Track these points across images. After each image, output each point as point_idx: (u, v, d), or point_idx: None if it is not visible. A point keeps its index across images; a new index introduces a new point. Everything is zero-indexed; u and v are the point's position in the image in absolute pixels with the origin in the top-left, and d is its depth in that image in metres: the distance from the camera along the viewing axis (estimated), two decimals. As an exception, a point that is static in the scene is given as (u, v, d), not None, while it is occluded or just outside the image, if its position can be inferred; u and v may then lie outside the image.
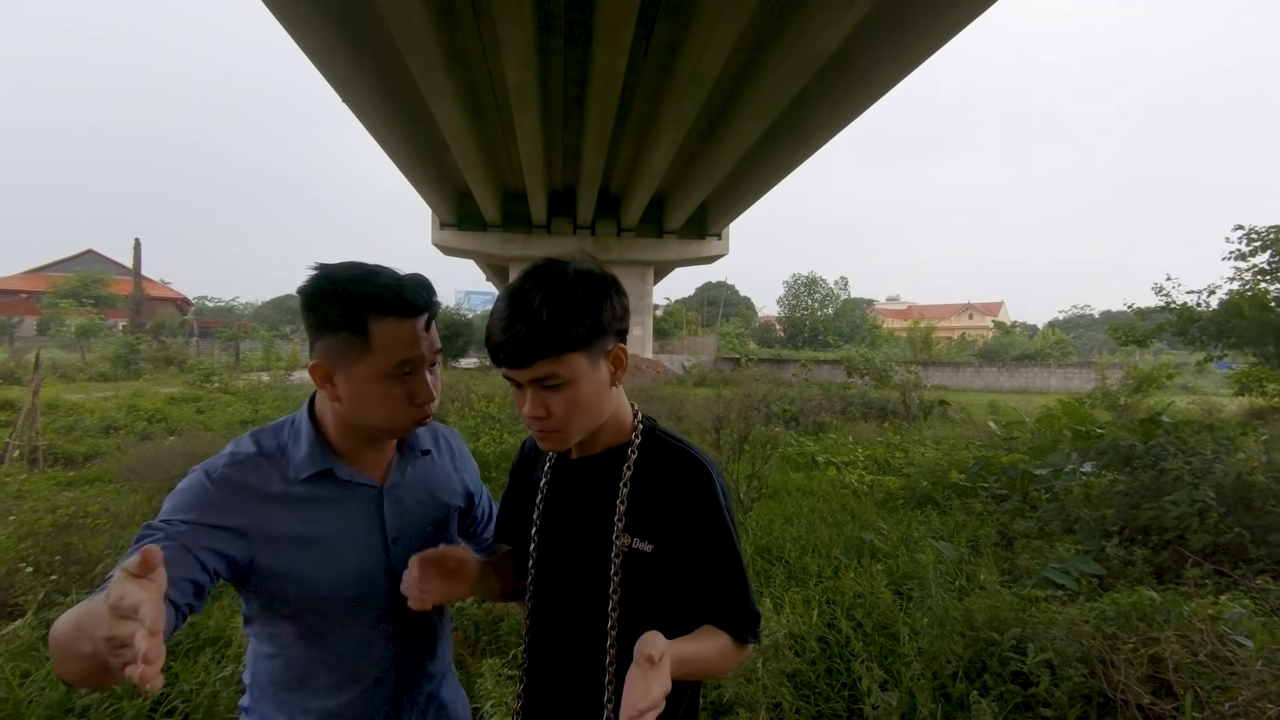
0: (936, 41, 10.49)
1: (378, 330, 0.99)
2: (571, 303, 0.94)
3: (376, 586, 1.10)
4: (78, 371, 19.49)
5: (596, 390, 1.00)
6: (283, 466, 1.06)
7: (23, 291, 47.63)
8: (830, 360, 28.51)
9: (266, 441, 1.09)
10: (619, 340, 1.03)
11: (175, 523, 0.94)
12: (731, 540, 1.05)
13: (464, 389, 11.56)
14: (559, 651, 1.10)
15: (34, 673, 2.48)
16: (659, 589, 1.04)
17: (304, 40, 10.74)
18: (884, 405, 12.99)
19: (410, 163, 17.52)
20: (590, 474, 1.10)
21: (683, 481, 1.04)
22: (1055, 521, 4.52)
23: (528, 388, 0.98)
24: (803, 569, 3.99)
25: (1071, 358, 36.88)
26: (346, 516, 1.09)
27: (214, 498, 0.99)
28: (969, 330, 62.82)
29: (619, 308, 1.01)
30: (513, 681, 2.48)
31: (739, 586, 1.04)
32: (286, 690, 1.09)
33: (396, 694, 1.15)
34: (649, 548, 1.03)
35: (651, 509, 1.04)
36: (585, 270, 0.98)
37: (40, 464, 6.79)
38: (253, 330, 39.32)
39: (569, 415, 0.99)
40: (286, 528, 1.03)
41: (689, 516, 1.03)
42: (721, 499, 1.05)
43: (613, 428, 1.09)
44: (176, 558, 0.89)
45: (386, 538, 1.12)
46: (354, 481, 1.10)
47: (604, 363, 1.01)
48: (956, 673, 2.61)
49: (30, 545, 3.38)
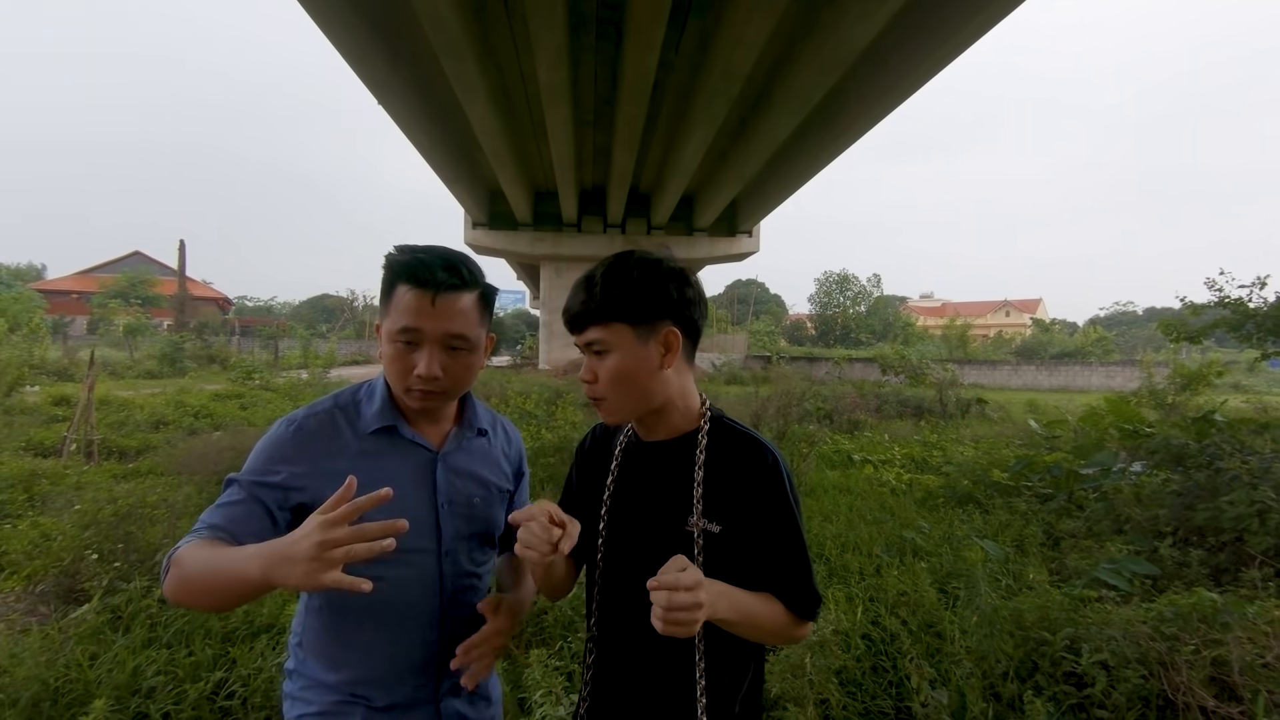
0: (974, 34, 10.27)
1: (396, 294, 1.11)
2: (625, 280, 1.07)
3: (424, 543, 1.15)
4: (126, 369, 20.16)
5: (641, 366, 1.07)
6: (354, 420, 1.17)
7: (74, 292, 49.43)
8: (863, 358, 28.19)
9: (344, 398, 1.20)
10: (679, 328, 1.09)
11: (251, 476, 1.08)
12: (795, 522, 1.09)
13: (499, 386, 11.69)
14: (633, 632, 1.12)
15: (102, 655, 2.59)
16: (727, 569, 1.07)
17: (344, 46, 10.94)
18: (920, 403, 12.81)
19: (444, 163, 17.73)
20: (662, 458, 1.15)
21: (751, 466, 1.09)
22: (1104, 521, 4.42)
23: (585, 354, 1.10)
24: (843, 566, 3.96)
25: (1114, 355, 35.95)
26: (404, 472, 1.15)
27: (288, 444, 1.12)
28: (1006, 328, 61.55)
29: (678, 296, 1.09)
30: (559, 673, 2.51)
31: (800, 566, 1.08)
32: (335, 645, 1.15)
33: (439, 653, 1.17)
34: (717, 529, 1.08)
35: (721, 492, 1.08)
36: (649, 258, 1.10)
37: (96, 457, 7.04)
38: (290, 329, 40.21)
39: (612, 383, 1.08)
40: (349, 472, 1.07)
41: (756, 499, 1.07)
42: (787, 483, 1.09)
43: (681, 413, 1.14)
44: (250, 512, 1.05)
45: (437, 499, 1.17)
46: (415, 442, 1.18)
47: (653, 343, 1.08)
48: (1007, 672, 2.57)
49: (93, 534, 3.52)
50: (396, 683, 1.15)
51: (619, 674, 1.15)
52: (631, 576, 1.13)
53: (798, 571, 1.08)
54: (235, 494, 1.07)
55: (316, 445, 1.12)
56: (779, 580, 1.07)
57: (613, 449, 1.22)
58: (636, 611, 1.11)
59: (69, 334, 31.94)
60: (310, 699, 1.14)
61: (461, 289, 1.11)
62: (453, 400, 1.22)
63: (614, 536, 1.17)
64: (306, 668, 1.16)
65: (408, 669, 1.16)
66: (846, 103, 13.23)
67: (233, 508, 1.05)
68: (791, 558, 1.08)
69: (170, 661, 2.58)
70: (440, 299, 1.09)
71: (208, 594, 0.95)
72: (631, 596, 1.12)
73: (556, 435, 6.65)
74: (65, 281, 52.81)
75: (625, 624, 1.14)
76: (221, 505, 1.06)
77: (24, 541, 3.96)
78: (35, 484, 5.45)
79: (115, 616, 2.95)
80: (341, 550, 0.81)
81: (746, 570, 1.07)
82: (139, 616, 2.91)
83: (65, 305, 45.38)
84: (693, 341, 1.13)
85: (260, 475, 1.08)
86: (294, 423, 1.14)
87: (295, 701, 1.16)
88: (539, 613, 3.12)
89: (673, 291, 1.08)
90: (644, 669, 1.11)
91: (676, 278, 1.09)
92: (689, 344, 1.12)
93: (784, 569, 1.07)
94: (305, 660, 1.17)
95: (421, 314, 1.09)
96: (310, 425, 1.14)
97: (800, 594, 1.07)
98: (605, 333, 1.07)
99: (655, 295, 1.07)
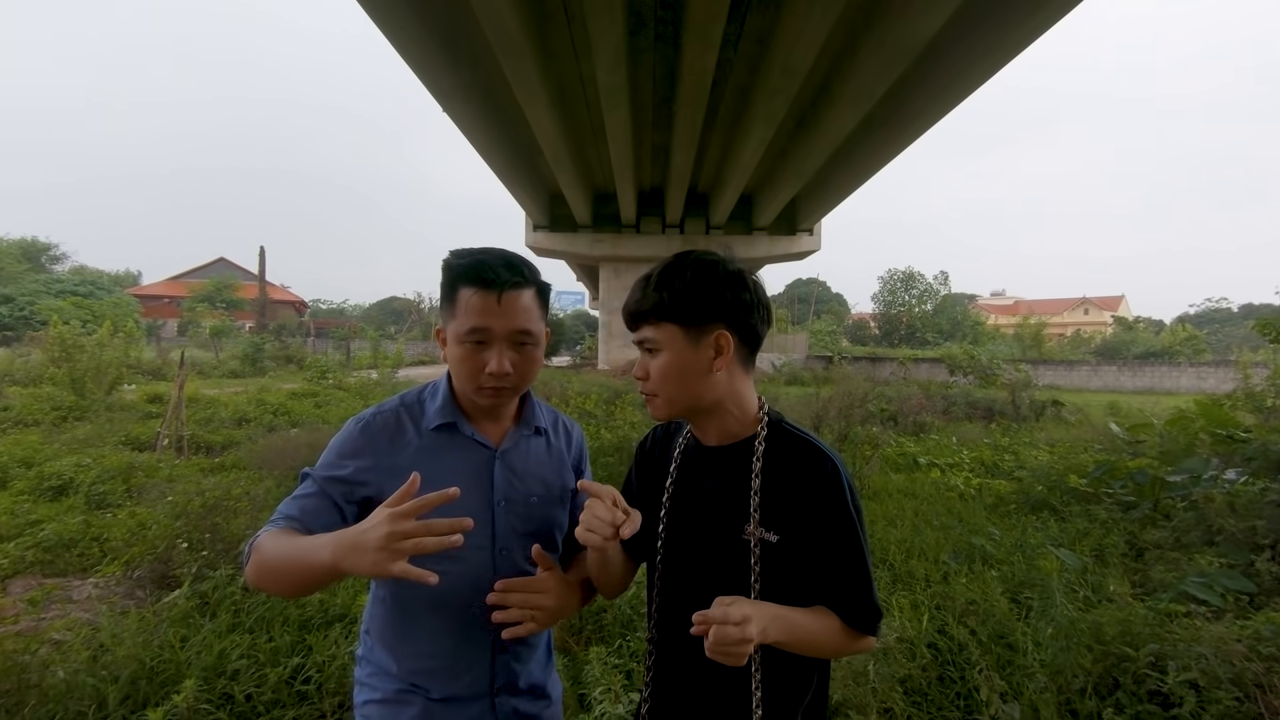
0: (1044, 23, 9.80)
1: (460, 297, 1.14)
2: (678, 281, 1.07)
3: (479, 540, 1.17)
4: (212, 369, 21.38)
5: (690, 366, 1.07)
6: (418, 417, 1.22)
7: (166, 296, 52.83)
8: (930, 358, 27.31)
9: (409, 398, 1.25)
10: (732, 331, 1.07)
11: (322, 471, 1.15)
12: (856, 533, 1.06)
13: (559, 386, 11.86)
14: (691, 637, 1.10)
15: (191, 638, 2.76)
16: (785, 580, 1.06)
17: (410, 57, 11.30)
18: (990, 405, 12.32)
19: (505, 167, 18.09)
20: (719, 464, 1.13)
21: (809, 474, 1.06)
22: (1194, 532, 4.15)
23: (640, 351, 1.12)
24: (908, 573, 3.85)
25: (1205, 355, 33.69)
26: (463, 468, 1.19)
27: (355, 441, 1.17)
28: (1084, 326, 58.54)
29: (733, 299, 1.07)
30: (619, 671, 2.53)
31: (860, 579, 1.05)
32: (396, 636, 1.19)
33: (495, 645, 1.20)
34: (775, 538, 1.06)
35: (779, 500, 1.06)
36: (706, 259, 1.09)
37: (185, 452, 7.50)
38: (361, 330, 41.79)
39: (661, 381, 1.09)
40: (410, 467, 1.10)
41: (815, 508, 1.05)
42: (848, 492, 1.06)
43: (736, 417, 1.13)
44: (320, 505, 1.11)
45: (494, 497, 1.20)
46: (474, 439, 1.22)
47: (704, 345, 1.07)
48: (1085, 688, 2.45)
49: (184, 524, 3.75)
50: (453, 676, 1.18)
51: (678, 677, 1.15)
52: (690, 582, 1.14)
53: (857, 584, 1.05)
54: (308, 487, 1.13)
55: (381, 442, 1.17)
56: (838, 593, 1.06)
57: (672, 451, 1.21)
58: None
59: (161, 336, 34.06)
60: (376, 685, 1.19)
61: (523, 286, 1.15)
62: (520, 394, 1.25)
63: (672, 540, 1.16)
64: (374, 655, 1.21)
65: (463, 663, 1.18)
66: (910, 97, 12.84)
67: (305, 500, 1.11)
68: (851, 570, 1.05)
69: (252, 646, 2.73)
70: (505, 297, 1.12)
71: (284, 579, 1.00)
72: (689, 601, 1.11)
73: (615, 435, 6.70)
74: (158, 287, 56.55)
75: (684, 628, 1.12)
76: (296, 497, 1.12)
77: (123, 530, 4.27)
78: (132, 476, 5.86)
79: (203, 602, 3.14)
80: (411, 542, 0.85)
81: (805, 581, 1.06)
82: (224, 603, 3.09)
83: (158, 309, 48.50)
84: (749, 346, 1.11)
85: (330, 470, 1.14)
86: (361, 421, 1.20)
87: (363, 687, 1.21)
88: (598, 610, 3.15)
89: (727, 294, 1.06)
90: (703, 674, 1.10)
91: (733, 280, 1.07)
92: (744, 348, 1.10)
93: (843, 582, 1.05)
94: (373, 648, 1.22)
95: (489, 313, 1.12)
96: (376, 423, 1.19)
97: (860, 608, 1.05)
98: (657, 332, 1.08)
99: (708, 297, 1.06)
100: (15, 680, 2.39)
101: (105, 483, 5.59)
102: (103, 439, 7.85)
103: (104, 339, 12.02)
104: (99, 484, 5.54)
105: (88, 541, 4.33)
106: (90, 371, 10.98)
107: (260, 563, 1.01)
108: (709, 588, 1.09)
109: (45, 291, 36.96)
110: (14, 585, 3.83)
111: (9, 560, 4.01)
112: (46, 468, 5.92)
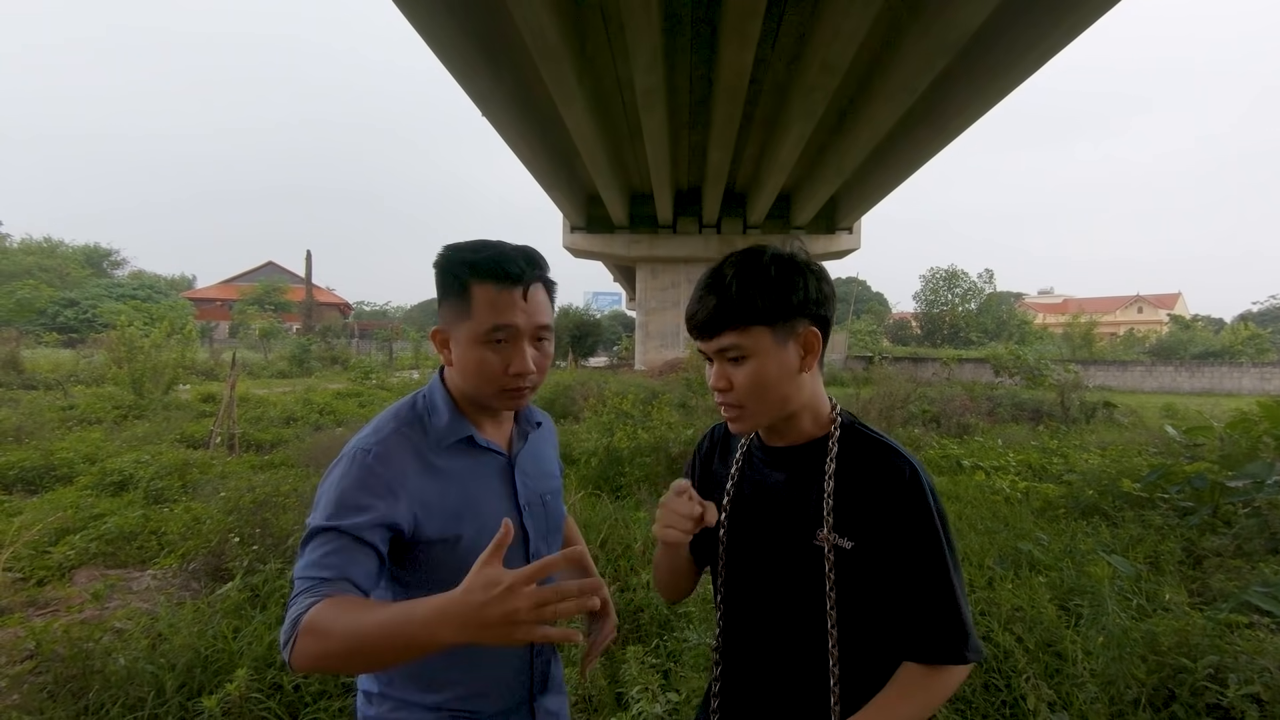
0: (1094, 11, 9.48)
1: (476, 294, 1.05)
2: (762, 279, 0.98)
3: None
4: (261, 369, 22.11)
5: (781, 370, 1.00)
6: (424, 436, 1.10)
7: (218, 299, 54.80)
8: (974, 358, 26.63)
9: (404, 415, 1.12)
10: (815, 326, 1.02)
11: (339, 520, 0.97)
12: (940, 545, 0.97)
13: (595, 386, 11.91)
14: (760, 645, 1.08)
15: (243, 629, 2.85)
16: (861, 589, 1.00)
17: (451, 63, 11.50)
18: (1038, 407, 11.96)
19: (543, 170, 18.27)
20: (788, 465, 1.08)
21: (886, 478, 0.99)
22: (1257, 539, 3.97)
23: (715, 359, 1.02)
24: (951, 577, 3.76)
25: (1270, 355, 32.15)
26: (486, 483, 1.14)
27: (369, 477, 1.02)
28: (1138, 325, 56.40)
29: (815, 292, 1.00)
30: (655, 670, 2.54)
31: (945, 596, 0.96)
32: (432, 667, 1.10)
33: (532, 657, 1.19)
34: (849, 545, 0.99)
35: (854, 504, 1.00)
36: (782, 253, 1.01)
37: (237, 449, 7.77)
38: (403, 331, 42.66)
39: (750, 391, 1.00)
40: (443, 493, 1.08)
41: (894, 515, 0.98)
42: (930, 499, 0.98)
43: (810, 418, 1.07)
44: (353, 556, 0.95)
45: (519, 503, 1.17)
46: (489, 448, 1.15)
47: (793, 344, 1.00)
48: (1139, 700, 2.36)
49: (235, 519, 3.88)
50: (498, 691, 1.15)
51: (747, 686, 1.09)
52: (757, 587, 1.08)
53: (941, 602, 0.96)
54: (331, 540, 0.96)
55: (400, 471, 1.05)
56: (918, 612, 0.96)
57: (733, 451, 1.16)
58: (763, 623, 1.07)
59: (214, 337, 35.32)
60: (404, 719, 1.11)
61: (541, 279, 1.11)
62: (536, 391, 1.18)
63: (736, 544, 1.10)
64: (395, 689, 1.11)
65: (510, 675, 1.16)
66: (953, 91, 12.55)
67: (335, 554, 0.95)
68: (935, 585, 0.96)
69: (300, 638, 2.80)
70: (531, 291, 1.07)
71: (368, 659, 0.85)
72: (758, 608, 1.08)
73: (653, 435, 6.70)
74: (210, 290, 58.72)
75: (752, 639, 1.09)
76: (325, 553, 0.95)
77: (179, 524, 4.45)
78: (188, 472, 6.10)
79: (254, 594, 3.25)
80: (551, 609, 0.75)
81: (882, 592, 0.99)
82: (274, 595, 3.19)
83: (211, 312, 50.39)
84: (825, 341, 1.05)
85: (354, 515, 0.98)
86: (370, 453, 1.04)
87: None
88: (635, 610, 3.16)
89: (811, 289, 1.00)
90: (772, 683, 1.06)
91: (814, 273, 1.01)
92: (823, 344, 1.04)
93: (925, 599, 0.96)
94: (392, 682, 1.11)
95: (514, 309, 1.06)
96: (387, 452, 1.06)
97: (944, 629, 0.95)
98: (743, 337, 0.98)
99: (794, 293, 0.98)
100: (81, 666, 2.51)
101: (162, 478, 5.83)
102: (160, 436, 8.18)
103: (159, 340, 12.50)
104: (157, 480, 5.79)
105: (146, 535, 4.53)
106: (148, 372, 11.46)
107: (324, 648, 0.83)
108: (778, 596, 1.05)
109: (107, 295, 38.73)
110: (79, 575, 4.03)
111: (75, 552, 4.22)
112: (108, 464, 6.19)
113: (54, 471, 6.22)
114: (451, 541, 1.07)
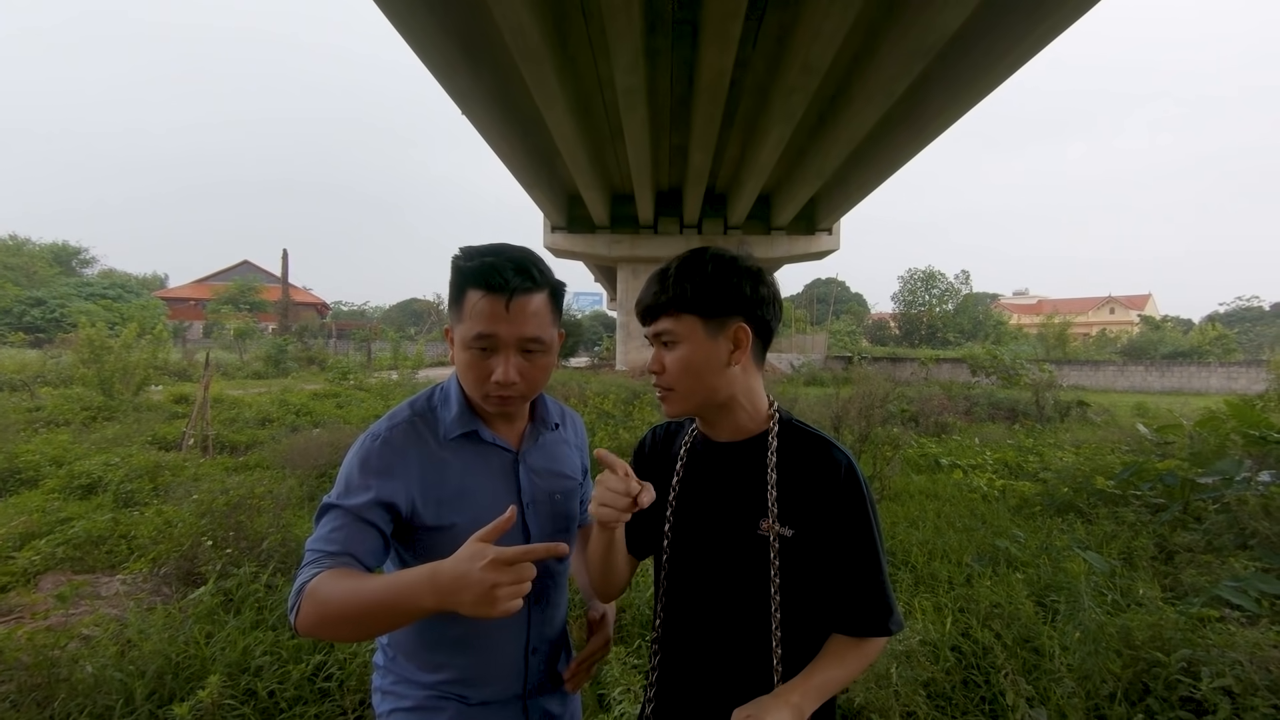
0: (1072, 13, 9.64)
1: (468, 299, 1.09)
2: (698, 273, 1.07)
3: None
4: (236, 370, 21.75)
5: (709, 359, 1.07)
6: (434, 427, 1.16)
7: (191, 299, 53.79)
8: (951, 358, 26.98)
9: (419, 406, 1.19)
10: (749, 324, 1.08)
11: (348, 498, 1.06)
12: (872, 532, 1.06)
13: (577, 386, 11.88)
14: (702, 635, 1.13)
15: (216, 634, 2.79)
16: (802, 574, 1.07)
17: (430, 60, 11.38)
18: (1014, 406, 12.15)
19: (524, 170, 18.17)
20: (730, 460, 1.13)
21: (823, 469, 1.07)
22: (1226, 535, 4.05)
23: (654, 344, 1.12)
24: (931, 575, 3.80)
25: (1236, 355, 32.97)
26: (489, 476, 1.17)
27: (376, 459, 1.10)
28: (1110, 325, 57.49)
29: (750, 292, 1.08)
30: (637, 671, 2.52)
31: (873, 575, 1.06)
32: (425, 646, 1.17)
33: (527, 653, 1.20)
34: (790, 533, 1.07)
35: (794, 495, 1.07)
36: (724, 253, 1.10)
37: (210, 451, 7.62)
38: (382, 332, 42.21)
39: (679, 375, 1.08)
40: (441, 482, 1.12)
41: (831, 503, 1.06)
42: (864, 489, 1.07)
43: (747, 413, 1.13)
44: (360, 534, 1.03)
45: (522, 500, 1.19)
46: (495, 444, 1.19)
47: (723, 338, 1.07)
48: (1115, 694, 2.40)
49: (209, 522, 3.79)
50: (490, 680, 1.17)
51: (687, 677, 1.14)
52: (701, 579, 1.14)
53: (870, 580, 1.06)
54: (339, 518, 1.04)
55: (404, 456, 1.11)
56: (850, 589, 1.06)
57: (675, 450, 1.21)
58: (706, 614, 1.13)
59: (187, 338, 34.69)
60: (403, 693, 1.17)
61: (534, 290, 1.09)
62: (529, 401, 1.21)
63: (681, 538, 1.16)
64: (397, 666, 1.19)
65: (501, 667, 1.18)
66: (931, 93, 12.69)
67: (341, 530, 1.02)
68: (865, 566, 1.06)
69: (275, 643, 2.75)
70: (514, 303, 1.06)
71: (362, 625, 0.91)
72: (701, 599, 1.13)
73: (634, 435, 6.69)
74: (184, 290, 57.58)
75: (694, 626, 1.14)
76: (332, 529, 1.03)
77: (150, 528, 4.34)
78: (159, 475, 5.97)
79: (227, 599, 3.18)
80: (515, 588, 0.81)
81: (820, 576, 1.07)
82: (248, 600, 3.12)
83: (184, 311, 49.43)
84: (763, 342, 1.12)
85: (360, 495, 1.05)
86: (379, 438, 1.12)
87: (387, 695, 1.19)
88: (618, 611, 3.14)
89: (746, 288, 1.07)
90: (714, 673, 1.11)
91: (751, 275, 1.08)
92: (759, 344, 1.11)
93: (856, 578, 1.06)
94: (395, 659, 1.19)
95: (497, 319, 1.06)
96: (396, 438, 1.12)
97: (872, 604, 1.05)
98: (675, 324, 1.07)
99: (728, 290, 1.06)
100: (46, 674, 2.43)
101: (133, 481, 5.70)
102: (130, 438, 8.00)
103: (129, 340, 12.23)
104: (127, 482, 5.65)
105: (116, 539, 4.41)
106: (118, 372, 11.21)
107: (323, 613, 0.90)
108: (724, 583, 1.11)
109: (75, 294, 37.78)
110: (45, 581, 3.91)
111: (40, 557, 4.10)
112: (76, 466, 6.04)
113: (19, 475, 6.05)
114: (447, 529, 1.11)
